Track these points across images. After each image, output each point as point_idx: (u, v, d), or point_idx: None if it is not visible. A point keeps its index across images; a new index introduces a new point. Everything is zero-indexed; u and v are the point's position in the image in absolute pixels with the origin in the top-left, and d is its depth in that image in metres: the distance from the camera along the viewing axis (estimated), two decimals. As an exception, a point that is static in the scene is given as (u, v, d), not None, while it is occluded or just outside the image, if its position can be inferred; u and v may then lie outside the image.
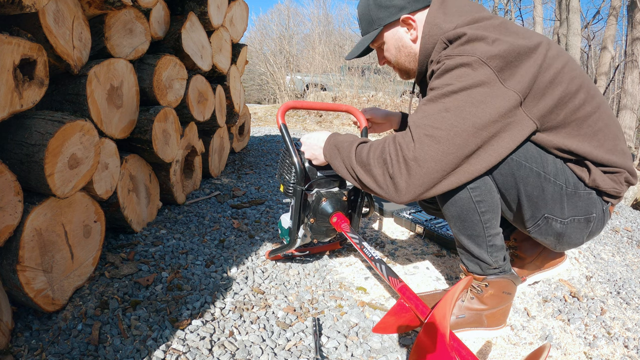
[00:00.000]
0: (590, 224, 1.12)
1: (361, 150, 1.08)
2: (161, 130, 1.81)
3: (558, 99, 0.98)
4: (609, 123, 1.05)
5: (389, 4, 1.13)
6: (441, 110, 0.95)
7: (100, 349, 1.09)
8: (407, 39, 1.17)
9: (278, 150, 3.64)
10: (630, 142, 7.03)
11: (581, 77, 1.02)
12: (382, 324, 1.03)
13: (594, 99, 1.03)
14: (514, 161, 1.02)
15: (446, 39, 1.02)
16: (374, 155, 1.04)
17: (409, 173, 0.97)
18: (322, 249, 1.67)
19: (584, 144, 1.02)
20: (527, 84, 0.94)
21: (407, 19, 1.13)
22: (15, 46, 1.04)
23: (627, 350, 1.17)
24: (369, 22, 1.19)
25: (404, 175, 0.98)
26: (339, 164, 1.15)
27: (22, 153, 1.13)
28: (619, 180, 1.08)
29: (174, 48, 2.04)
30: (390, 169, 1.00)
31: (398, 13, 1.13)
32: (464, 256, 1.17)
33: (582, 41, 9.48)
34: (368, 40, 1.20)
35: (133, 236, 1.72)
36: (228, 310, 1.28)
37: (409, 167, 0.97)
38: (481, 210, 1.06)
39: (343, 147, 1.13)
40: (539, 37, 1.00)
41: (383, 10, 1.15)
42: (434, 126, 0.95)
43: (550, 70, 0.97)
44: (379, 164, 1.02)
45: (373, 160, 1.04)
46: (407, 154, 0.97)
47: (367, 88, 8.50)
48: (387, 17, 1.15)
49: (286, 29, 15.62)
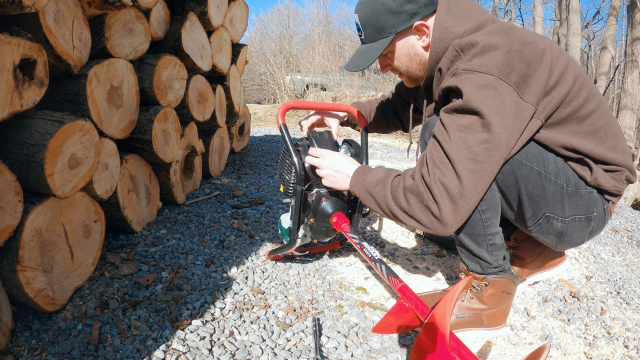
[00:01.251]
0: (592, 223, 1.12)
1: (397, 194, 1.04)
2: (161, 130, 1.80)
3: (563, 96, 0.99)
4: (609, 121, 1.06)
5: (400, 9, 1.06)
6: (482, 142, 0.93)
7: (100, 349, 1.09)
8: (419, 46, 1.12)
9: (278, 150, 3.64)
10: (630, 142, 7.02)
11: (583, 76, 1.03)
12: (382, 324, 1.03)
13: (595, 97, 1.04)
14: (515, 160, 1.02)
15: (458, 46, 1.00)
16: (414, 200, 1.00)
17: (457, 210, 0.97)
18: (322, 249, 1.67)
19: (585, 141, 1.03)
20: (540, 94, 0.96)
21: (421, 26, 1.08)
22: (15, 46, 1.04)
23: (627, 350, 1.17)
24: (378, 30, 1.10)
25: (451, 212, 0.97)
26: (374, 206, 1.11)
27: (22, 153, 1.13)
28: (620, 179, 1.08)
29: (174, 48, 2.04)
30: (435, 212, 0.98)
31: (411, 19, 1.07)
32: (463, 255, 1.17)
33: (582, 41, 9.48)
34: (379, 50, 1.11)
35: (133, 236, 1.72)
36: (228, 310, 1.28)
37: (457, 204, 0.96)
38: (481, 209, 1.07)
39: (376, 192, 1.08)
40: (542, 40, 1.00)
41: (394, 16, 1.07)
42: (476, 160, 0.94)
43: (556, 71, 0.98)
44: (421, 210, 1.00)
45: (413, 205, 1.00)
46: (454, 193, 0.95)
47: (367, 88, 8.50)
48: (400, 24, 1.08)
49: (286, 29, 15.62)
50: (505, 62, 0.93)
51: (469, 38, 0.99)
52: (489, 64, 0.93)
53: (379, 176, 1.11)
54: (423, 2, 1.07)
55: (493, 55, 0.94)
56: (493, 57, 0.94)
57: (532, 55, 0.95)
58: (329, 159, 1.26)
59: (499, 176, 1.05)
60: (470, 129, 0.94)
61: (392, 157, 3.80)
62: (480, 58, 0.95)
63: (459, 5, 1.08)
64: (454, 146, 0.95)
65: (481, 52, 0.95)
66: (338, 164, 1.24)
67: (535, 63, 0.95)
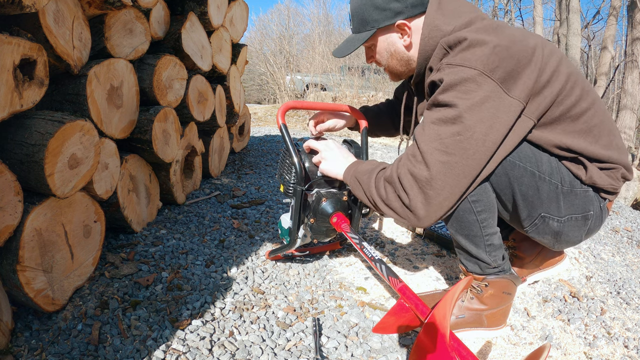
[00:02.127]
0: (588, 222, 1.12)
1: (379, 183, 1.07)
2: (161, 130, 1.81)
3: (555, 95, 0.98)
4: (603, 119, 1.05)
5: (385, 6, 1.09)
6: (453, 134, 0.93)
7: (100, 349, 1.09)
8: (400, 44, 1.14)
9: (278, 150, 3.64)
10: (630, 142, 7.02)
11: (576, 74, 1.02)
12: (382, 324, 1.03)
13: (588, 95, 1.03)
14: (507, 161, 1.02)
15: (446, 44, 1.01)
16: (390, 189, 1.03)
17: (427, 201, 0.97)
18: (322, 249, 1.67)
19: (579, 139, 1.03)
20: (529, 90, 0.95)
21: (402, 25, 1.10)
22: (15, 46, 1.04)
23: (627, 350, 1.17)
24: (362, 22, 1.14)
25: (421, 203, 0.97)
26: (361, 195, 1.13)
27: (22, 153, 1.13)
28: (616, 177, 1.08)
29: (174, 48, 2.04)
30: (406, 202, 0.99)
31: (394, 17, 1.10)
32: (462, 256, 1.17)
33: (582, 41, 9.48)
34: (360, 41, 1.15)
35: (133, 236, 1.72)
36: (228, 310, 1.28)
37: (427, 195, 0.96)
38: (477, 210, 1.07)
39: (363, 180, 1.11)
40: (534, 38, 1.00)
41: (378, 12, 1.10)
42: (447, 152, 0.94)
43: (548, 70, 0.97)
44: (395, 199, 1.02)
45: (389, 194, 1.03)
46: (422, 183, 0.96)
47: (367, 88, 8.50)
48: (382, 20, 1.11)
49: (286, 29, 15.61)
50: (491, 57, 0.92)
51: (457, 35, 0.99)
52: (472, 58, 0.93)
53: (369, 167, 1.13)
54: (410, 2, 1.08)
55: (478, 50, 0.93)
56: (478, 52, 0.93)
57: (521, 52, 0.94)
58: (330, 147, 1.30)
59: (492, 177, 1.05)
60: (443, 121, 0.95)
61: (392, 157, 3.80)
62: (465, 53, 0.95)
63: (450, 3, 1.08)
64: (426, 138, 0.97)
65: (467, 48, 0.95)
66: (337, 152, 1.28)
67: (525, 60, 0.94)
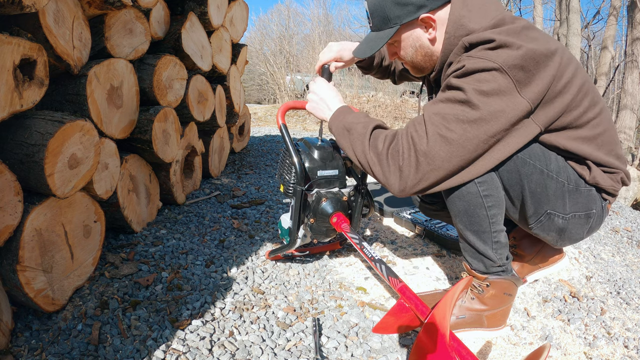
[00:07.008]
0: (590, 220, 1.15)
1: (376, 139, 1.07)
2: (161, 130, 1.80)
3: (565, 106, 1.00)
4: (608, 128, 1.08)
5: (407, 1, 1.05)
6: (458, 115, 0.96)
7: (100, 349, 1.09)
8: (425, 39, 1.11)
9: (278, 150, 3.64)
10: (630, 142, 7.01)
11: (587, 84, 1.04)
12: (382, 324, 1.03)
13: (596, 105, 1.05)
14: (519, 158, 1.04)
15: (468, 42, 1.00)
16: (388, 146, 1.04)
17: (417, 167, 0.99)
18: (322, 249, 1.67)
19: (583, 146, 1.06)
20: (540, 94, 0.96)
21: (427, 19, 1.07)
22: (15, 46, 1.04)
23: (627, 350, 1.17)
24: (384, 19, 1.11)
25: (412, 168, 0.99)
26: (346, 145, 1.13)
27: (22, 153, 1.13)
28: (617, 179, 1.12)
29: (174, 48, 2.04)
30: (400, 161, 1.01)
31: (417, 12, 1.06)
32: (467, 253, 1.17)
33: (582, 41, 9.48)
34: (383, 39, 1.12)
35: (133, 236, 1.72)
36: (228, 310, 1.28)
37: (419, 161, 0.99)
38: (488, 205, 1.07)
39: (356, 130, 1.11)
40: (555, 44, 1.00)
41: (400, 7, 1.06)
42: (448, 128, 0.96)
43: (562, 80, 0.98)
44: (392, 155, 1.03)
45: (387, 150, 1.04)
46: (419, 148, 0.98)
47: (367, 88, 8.50)
48: (405, 16, 1.07)
49: (286, 29, 15.59)
50: (515, 61, 0.93)
51: (484, 34, 0.98)
52: (495, 56, 0.94)
53: (361, 119, 1.14)
54: None
55: (503, 52, 0.94)
56: (503, 54, 0.94)
57: (541, 56, 0.95)
58: (318, 84, 1.29)
59: (504, 174, 1.06)
60: (452, 102, 0.98)
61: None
62: (490, 52, 0.96)
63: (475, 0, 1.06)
64: (431, 112, 1.00)
65: (493, 48, 0.96)
66: (324, 92, 1.27)
67: (542, 64, 0.95)
